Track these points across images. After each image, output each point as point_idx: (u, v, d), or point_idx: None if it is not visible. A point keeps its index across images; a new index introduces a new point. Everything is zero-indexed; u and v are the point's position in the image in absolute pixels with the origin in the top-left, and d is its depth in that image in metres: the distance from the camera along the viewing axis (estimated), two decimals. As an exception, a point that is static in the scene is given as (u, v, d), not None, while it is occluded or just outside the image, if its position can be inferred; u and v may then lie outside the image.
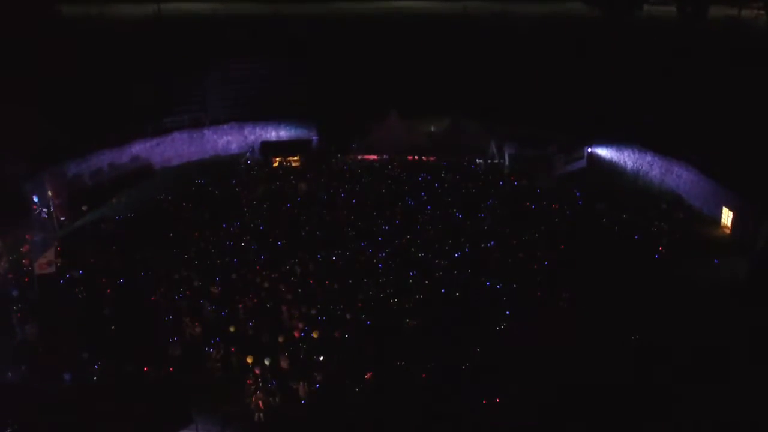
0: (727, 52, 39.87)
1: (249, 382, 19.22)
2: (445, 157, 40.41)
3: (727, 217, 31.36)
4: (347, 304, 23.76)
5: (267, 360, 20.20)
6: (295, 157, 41.42)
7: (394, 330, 22.41)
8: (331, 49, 47.75)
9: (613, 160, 40.60)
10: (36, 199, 31.75)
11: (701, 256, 28.12)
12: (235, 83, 46.18)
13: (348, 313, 23.08)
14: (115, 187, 36.50)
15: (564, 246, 28.29)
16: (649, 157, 38.08)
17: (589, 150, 41.23)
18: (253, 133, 45.76)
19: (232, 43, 47.74)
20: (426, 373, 20.25)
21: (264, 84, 46.43)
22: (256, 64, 46.93)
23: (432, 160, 40.59)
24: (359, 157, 41.62)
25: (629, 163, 39.61)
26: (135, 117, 40.36)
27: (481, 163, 40.42)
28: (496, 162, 40.71)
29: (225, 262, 27.42)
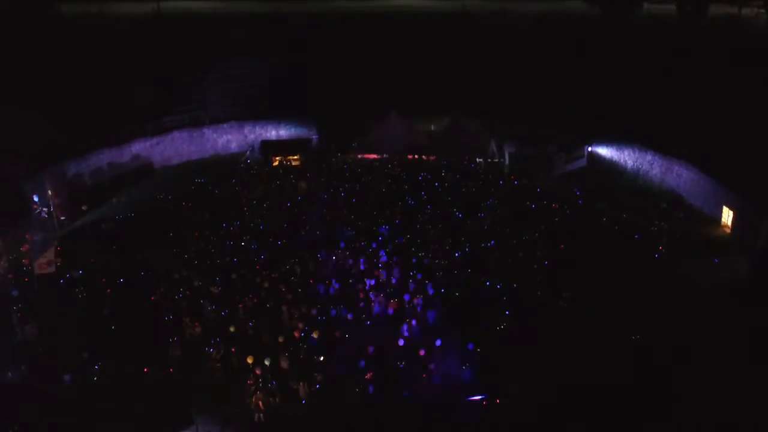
0: (727, 51, 39.77)
1: (249, 383, 19.21)
2: (445, 156, 40.36)
3: (727, 216, 31.34)
4: (347, 304, 23.74)
5: (267, 360, 20.18)
6: (295, 156, 41.40)
7: (395, 330, 22.35)
8: (331, 47, 47.64)
9: (614, 159, 40.59)
10: (36, 199, 31.72)
11: (701, 255, 28.08)
12: (235, 82, 46.06)
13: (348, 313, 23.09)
14: (115, 186, 36.40)
15: (564, 245, 28.27)
16: (649, 156, 38.06)
17: (589, 149, 41.21)
18: (253, 132, 45.72)
19: (232, 41, 47.61)
20: (426, 374, 20.25)
21: (264, 83, 46.38)
22: (256, 62, 46.83)
23: (432, 159, 40.54)
24: (359, 156, 41.58)
25: (629, 162, 39.58)
26: (135, 116, 40.28)
27: (481, 162, 40.40)
28: (496, 161, 40.71)
29: (225, 261, 27.40)
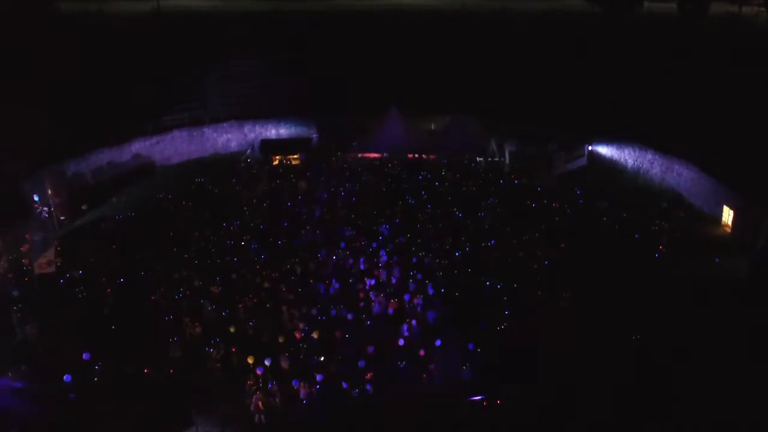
0: (728, 50, 39.69)
1: (249, 383, 19.21)
2: (445, 155, 40.32)
3: (727, 215, 31.30)
4: (347, 304, 23.74)
5: (267, 361, 20.16)
6: (295, 156, 41.36)
7: (395, 329, 22.34)
8: (331, 46, 47.56)
9: (614, 158, 40.55)
10: (37, 198, 31.70)
11: (702, 254, 28.05)
12: (235, 81, 45.95)
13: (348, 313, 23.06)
14: (115, 185, 36.30)
15: (564, 245, 28.26)
16: (649, 155, 38.02)
17: (589, 148, 41.17)
18: (252, 131, 45.67)
19: (231, 39, 47.52)
20: (426, 374, 20.26)
21: (264, 82, 46.29)
22: (256, 61, 46.75)
23: (432, 158, 40.51)
24: (359, 155, 41.54)
25: (630, 162, 39.54)
26: (134, 115, 40.21)
27: (481, 162, 40.36)
28: (497, 160, 40.67)
29: (225, 261, 27.38)
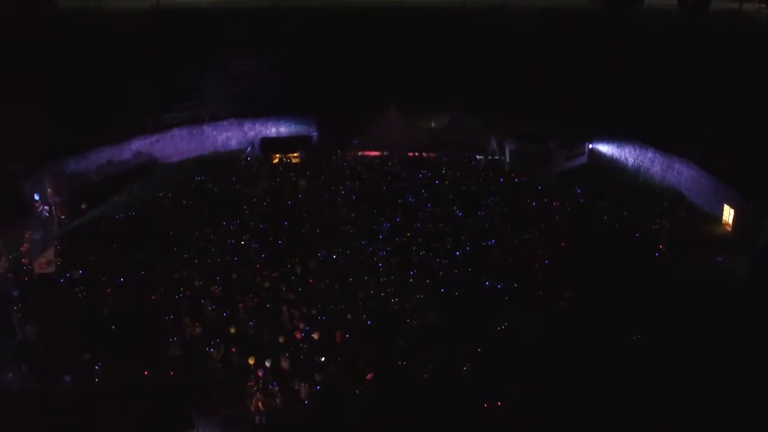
0: (728, 48, 39.57)
1: (250, 384, 19.20)
2: (445, 153, 40.27)
3: (728, 214, 31.29)
4: (347, 303, 23.72)
5: (268, 361, 20.14)
6: (295, 154, 41.29)
7: (395, 330, 22.34)
8: (330, 43, 47.43)
9: (614, 156, 40.50)
10: (37, 197, 31.64)
11: (702, 253, 28.04)
12: (235, 79, 45.83)
13: (348, 313, 23.03)
14: (116, 184, 36.18)
15: (565, 244, 28.22)
16: (650, 154, 37.98)
17: (590, 146, 41.11)
18: (252, 130, 45.57)
19: (231, 37, 47.36)
20: (427, 374, 20.25)
21: (264, 80, 46.18)
22: (256, 59, 46.62)
23: (432, 156, 40.47)
24: (359, 153, 41.48)
25: (630, 160, 39.49)
26: (134, 113, 40.10)
27: (481, 160, 40.32)
28: (497, 158, 40.62)
29: (225, 261, 27.35)
